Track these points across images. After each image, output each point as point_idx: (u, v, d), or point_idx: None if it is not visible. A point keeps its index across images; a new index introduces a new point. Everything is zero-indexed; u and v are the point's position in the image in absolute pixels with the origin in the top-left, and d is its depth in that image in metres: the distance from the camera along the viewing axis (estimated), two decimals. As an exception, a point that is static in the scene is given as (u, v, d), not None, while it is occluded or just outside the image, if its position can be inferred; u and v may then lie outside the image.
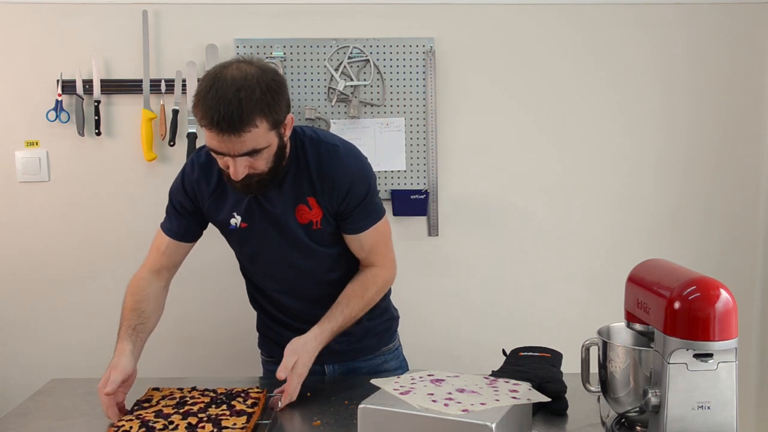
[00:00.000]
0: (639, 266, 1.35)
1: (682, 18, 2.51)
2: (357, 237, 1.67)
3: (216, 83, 1.41)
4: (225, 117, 1.38)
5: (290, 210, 1.63)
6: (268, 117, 1.43)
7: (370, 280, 1.70)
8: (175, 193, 1.73)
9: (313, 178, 1.60)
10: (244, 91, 1.39)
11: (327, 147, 1.62)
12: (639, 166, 2.57)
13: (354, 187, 1.61)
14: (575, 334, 1.62)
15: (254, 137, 1.43)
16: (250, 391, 1.52)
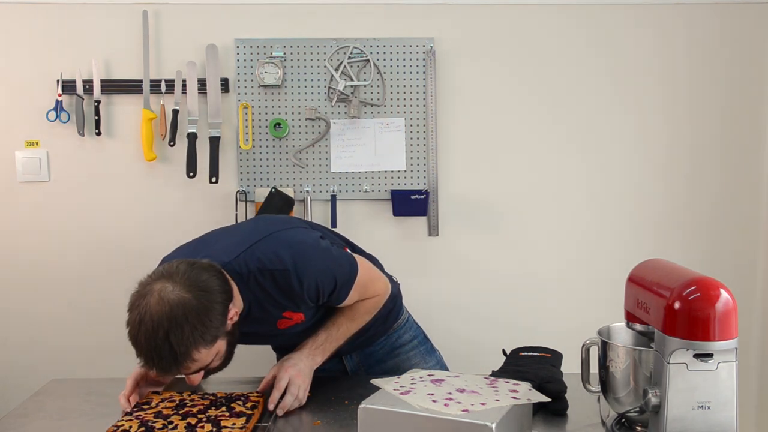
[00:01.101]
0: (639, 266, 1.35)
1: (684, 18, 2.51)
2: (343, 305, 1.67)
3: (143, 324, 1.38)
4: (163, 365, 1.38)
5: (272, 326, 1.63)
6: (205, 342, 1.39)
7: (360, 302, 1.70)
8: None
9: (279, 300, 1.57)
10: (172, 334, 1.35)
11: (278, 273, 1.54)
12: (639, 166, 2.57)
13: (321, 286, 1.57)
14: (575, 334, 1.62)
15: (199, 362, 1.40)
16: (249, 395, 1.52)
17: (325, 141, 2.48)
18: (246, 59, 2.44)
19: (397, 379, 1.45)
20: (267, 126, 2.46)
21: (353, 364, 1.83)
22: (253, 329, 1.60)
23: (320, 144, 2.48)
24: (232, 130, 2.48)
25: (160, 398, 1.52)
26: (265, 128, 2.46)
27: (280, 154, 2.48)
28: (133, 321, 1.41)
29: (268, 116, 2.47)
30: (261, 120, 2.47)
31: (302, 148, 2.48)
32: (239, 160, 2.48)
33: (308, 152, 2.49)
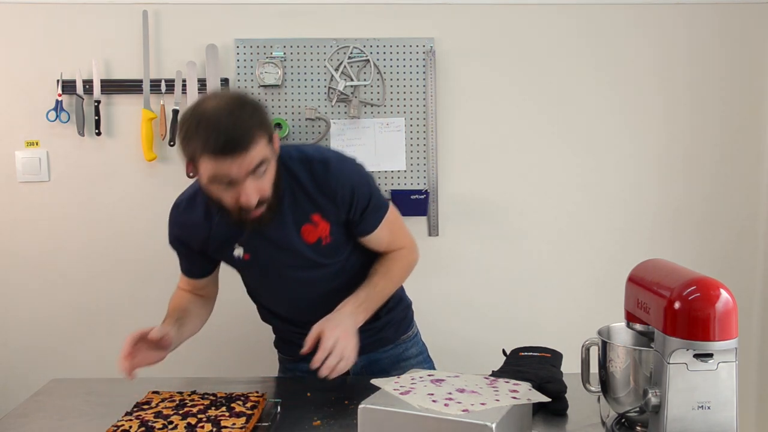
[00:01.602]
0: (639, 266, 1.35)
1: (683, 18, 2.51)
2: (373, 235, 1.66)
3: (201, 117, 1.38)
4: (229, 139, 1.35)
5: (294, 233, 1.58)
6: (264, 132, 1.41)
7: (391, 259, 1.70)
8: (174, 237, 1.73)
9: (313, 195, 1.56)
10: (236, 112, 1.38)
11: (317, 163, 1.56)
12: (640, 166, 2.57)
13: (356, 193, 1.58)
14: (575, 334, 1.62)
15: (258, 152, 1.39)
16: (249, 395, 1.52)
17: (325, 141, 2.48)
18: (246, 59, 2.44)
19: (397, 379, 1.45)
20: (267, 126, 2.46)
21: (356, 369, 1.83)
22: (279, 234, 1.57)
23: (320, 144, 2.48)
24: (232, 130, 2.48)
25: (160, 398, 1.52)
26: (265, 128, 2.46)
27: (280, 154, 2.48)
28: (189, 119, 1.40)
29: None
30: (261, 120, 2.47)
31: (302, 148, 2.48)
32: (239, 160, 2.48)
33: (308, 152, 2.49)
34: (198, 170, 1.43)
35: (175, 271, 2.52)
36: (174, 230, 1.71)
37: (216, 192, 1.44)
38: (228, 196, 1.43)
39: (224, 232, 1.60)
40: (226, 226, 1.57)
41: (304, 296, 1.69)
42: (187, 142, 1.41)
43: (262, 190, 1.44)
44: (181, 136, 1.43)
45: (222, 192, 1.43)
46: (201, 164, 1.40)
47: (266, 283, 1.71)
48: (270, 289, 1.72)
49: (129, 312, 2.53)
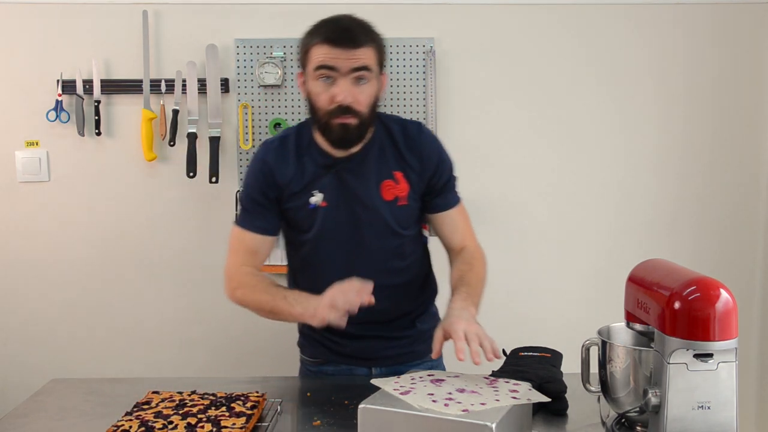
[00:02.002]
0: (639, 266, 1.35)
1: (681, 18, 2.51)
2: (449, 214, 1.68)
3: (327, 18, 1.55)
4: (346, 30, 1.50)
5: (374, 186, 1.62)
6: (376, 47, 1.54)
7: (472, 258, 1.68)
8: (255, 187, 1.65)
9: (402, 152, 1.63)
10: (360, 20, 1.55)
11: (412, 123, 1.68)
12: (640, 166, 2.57)
13: (442, 162, 1.67)
14: (575, 334, 1.62)
15: (366, 55, 1.51)
16: (249, 395, 1.52)
17: (325, 141, 2.48)
18: (246, 59, 2.44)
19: (397, 379, 1.45)
20: (267, 126, 2.46)
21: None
22: (360, 184, 1.61)
23: (320, 144, 2.48)
24: (232, 130, 2.48)
25: (160, 398, 1.52)
26: (265, 128, 2.46)
27: (280, 154, 2.48)
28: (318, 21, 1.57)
29: (268, 116, 2.47)
30: (261, 120, 2.47)
31: (302, 148, 2.47)
32: (239, 160, 2.48)
33: (308, 152, 2.49)
34: (308, 63, 1.54)
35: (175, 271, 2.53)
36: (256, 174, 1.65)
37: (315, 88, 1.53)
38: (326, 93, 1.52)
39: (309, 173, 1.62)
40: (312, 167, 1.62)
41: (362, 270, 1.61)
42: (307, 35, 1.55)
43: (358, 98, 1.52)
44: (304, 35, 1.57)
45: (321, 88, 1.52)
46: (313, 52, 1.52)
47: (328, 248, 1.66)
48: (328, 259, 1.67)
49: (129, 312, 2.53)
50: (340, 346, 1.74)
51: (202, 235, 2.51)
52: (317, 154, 1.62)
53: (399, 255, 1.69)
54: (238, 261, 1.68)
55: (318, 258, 1.68)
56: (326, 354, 1.77)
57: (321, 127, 1.57)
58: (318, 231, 1.64)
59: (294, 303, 1.55)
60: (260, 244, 1.67)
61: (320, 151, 1.63)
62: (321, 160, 1.62)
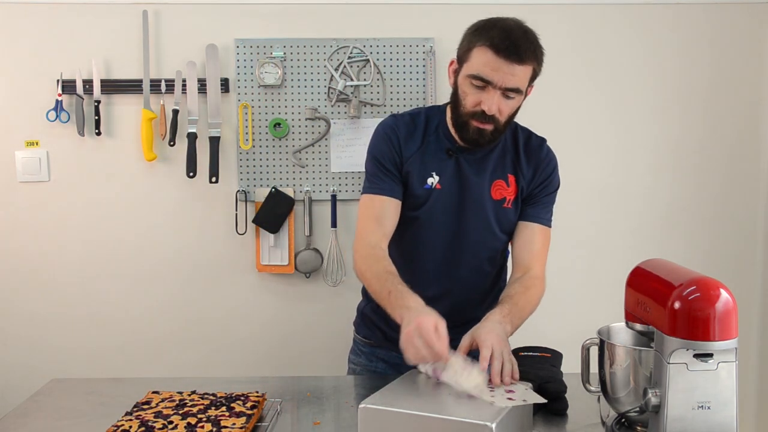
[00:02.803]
0: (639, 266, 1.34)
1: (677, 18, 2.51)
2: (531, 227, 1.70)
3: (500, 22, 1.55)
4: (515, 43, 1.50)
5: (487, 182, 1.67)
6: (536, 66, 1.55)
7: (528, 284, 1.64)
8: (383, 152, 1.68)
9: (520, 157, 1.70)
10: (529, 33, 1.55)
11: (537, 136, 1.75)
12: (641, 167, 2.57)
13: (554, 175, 1.74)
14: (575, 334, 1.62)
15: (523, 75, 1.53)
16: (249, 395, 1.52)
17: (325, 141, 2.48)
18: (246, 59, 2.44)
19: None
20: (267, 126, 2.46)
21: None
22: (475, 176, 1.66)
23: (320, 144, 2.48)
24: (232, 130, 2.48)
25: (160, 398, 1.52)
26: (265, 128, 2.46)
27: (280, 154, 2.48)
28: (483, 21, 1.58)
29: (268, 116, 2.47)
30: (261, 120, 2.47)
31: (302, 148, 2.48)
32: (239, 160, 2.48)
33: (308, 152, 2.49)
34: (466, 61, 1.55)
35: (175, 271, 2.53)
36: (386, 141, 1.68)
37: (465, 88, 1.56)
38: (474, 97, 1.55)
39: (430, 154, 1.67)
40: (435, 148, 1.67)
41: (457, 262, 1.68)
42: (474, 32, 1.55)
43: (502, 111, 1.56)
44: (470, 30, 1.57)
45: (471, 90, 1.55)
46: (475, 54, 1.53)
47: (432, 230, 1.68)
48: (429, 241, 1.69)
49: (129, 312, 2.53)
50: (395, 332, 1.72)
51: (202, 235, 2.51)
52: (444, 138, 1.68)
53: (490, 258, 1.73)
54: (367, 231, 1.66)
55: (420, 238, 1.70)
56: (380, 338, 1.80)
57: (459, 123, 1.61)
58: (426, 211, 1.68)
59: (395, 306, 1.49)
60: (387, 207, 1.66)
61: (447, 135, 1.68)
62: (445, 144, 1.68)
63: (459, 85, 1.59)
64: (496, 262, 1.76)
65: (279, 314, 2.56)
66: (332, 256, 2.49)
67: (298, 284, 2.54)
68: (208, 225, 2.51)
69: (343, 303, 2.49)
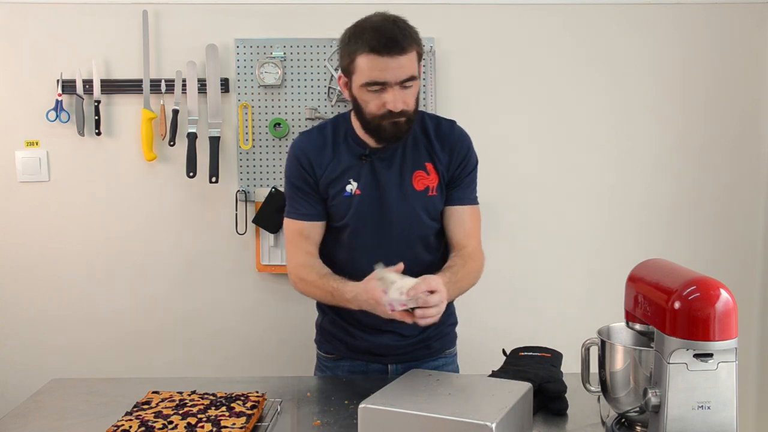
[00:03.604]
0: (639, 266, 1.35)
1: (679, 18, 2.51)
2: (461, 209, 1.72)
3: (366, 23, 1.58)
4: (391, 38, 1.53)
5: (408, 176, 1.69)
6: (417, 47, 1.59)
7: (469, 257, 1.69)
8: (295, 175, 1.72)
9: (433, 144, 1.71)
10: (398, 22, 1.57)
11: (446, 120, 1.77)
12: (641, 166, 2.57)
13: (470, 154, 1.74)
14: (575, 334, 1.62)
15: (411, 63, 1.56)
16: (249, 395, 1.52)
17: (325, 141, 2.48)
18: (246, 59, 2.44)
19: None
20: (267, 126, 2.46)
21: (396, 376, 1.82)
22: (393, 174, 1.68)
23: (320, 144, 2.48)
24: (232, 130, 2.48)
25: (160, 398, 1.52)
26: (265, 128, 2.46)
27: (280, 154, 2.48)
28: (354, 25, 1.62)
29: (268, 116, 2.47)
30: (261, 120, 2.47)
31: (302, 148, 2.47)
32: (239, 160, 2.48)
33: (308, 152, 2.48)
34: (354, 72, 1.58)
35: (174, 271, 2.53)
36: (295, 163, 1.72)
37: (363, 96, 1.59)
38: (376, 101, 1.58)
39: (344, 163, 1.70)
40: (348, 156, 1.70)
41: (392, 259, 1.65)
42: (349, 43, 1.59)
43: (406, 102, 1.59)
44: (344, 42, 1.61)
45: (370, 97, 1.58)
46: (359, 63, 1.56)
47: (361, 236, 1.71)
48: (361, 246, 1.71)
49: (129, 312, 2.53)
50: (357, 341, 1.77)
51: (202, 235, 2.51)
52: (354, 144, 1.70)
53: (426, 247, 1.74)
54: (295, 251, 1.73)
55: (351, 244, 1.73)
56: (342, 350, 1.81)
57: (371, 128, 1.63)
58: (351, 218, 1.70)
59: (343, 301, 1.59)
60: (310, 230, 1.72)
61: (357, 141, 1.70)
62: (357, 150, 1.70)
63: (356, 96, 1.62)
64: (432, 248, 1.76)
65: (279, 314, 2.55)
66: (332, 256, 2.49)
67: (298, 284, 2.54)
68: (208, 225, 2.51)
69: (343, 303, 2.49)
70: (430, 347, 1.82)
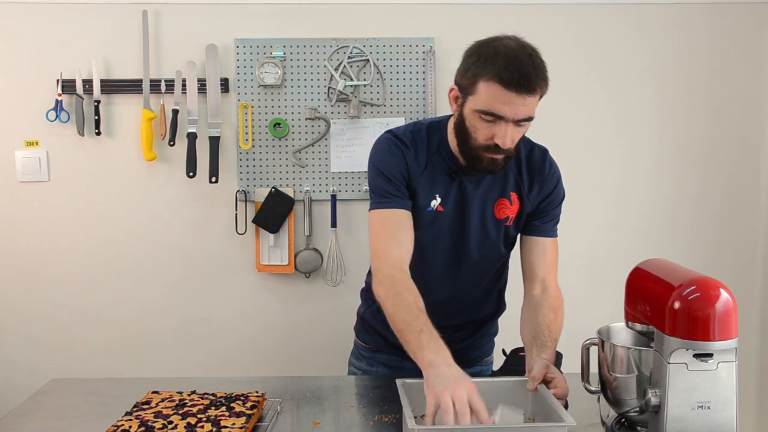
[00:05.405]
0: (639, 266, 1.35)
1: (679, 18, 2.51)
2: (544, 242, 1.69)
3: (502, 48, 1.44)
4: (524, 76, 1.41)
5: (491, 203, 1.64)
6: (545, 89, 1.46)
7: (554, 302, 1.66)
8: (391, 165, 1.60)
9: (523, 174, 1.66)
10: (534, 57, 1.44)
11: (539, 147, 1.69)
12: (640, 166, 2.57)
13: (559, 186, 1.71)
14: (575, 334, 1.62)
15: (533, 103, 1.46)
16: (249, 395, 1.52)
17: (324, 141, 2.48)
18: (246, 59, 2.44)
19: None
20: (267, 126, 2.46)
21: None
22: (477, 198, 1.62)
23: (320, 144, 2.48)
24: (232, 130, 2.48)
25: (160, 398, 1.52)
26: (265, 128, 2.46)
27: (280, 154, 2.48)
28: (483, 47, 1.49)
29: (268, 116, 2.47)
30: (261, 120, 2.47)
31: (302, 148, 2.48)
32: (239, 160, 2.48)
33: (308, 152, 2.49)
34: (472, 94, 1.47)
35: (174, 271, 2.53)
36: (400, 153, 1.61)
37: (474, 123, 1.49)
38: (486, 131, 1.48)
39: (435, 176, 1.61)
40: (439, 170, 1.61)
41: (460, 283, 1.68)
42: (478, 63, 1.46)
43: (513, 140, 1.49)
44: (472, 59, 1.49)
45: (482, 125, 1.48)
46: (481, 88, 1.45)
47: (434, 251, 1.65)
48: (432, 261, 1.66)
49: (128, 312, 2.53)
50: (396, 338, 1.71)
51: (202, 235, 2.51)
52: (446, 158, 1.61)
53: (493, 275, 1.72)
54: (384, 250, 1.58)
55: (422, 259, 1.64)
56: (381, 343, 1.79)
57: (471, 155, 1.54)
58: (430, 234, 1.64)
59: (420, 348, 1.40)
60: (402, 222, 1.59)
61: (450, 156, 1.62)
62: (448, 165, 1.61)
63: (466, 117, 1.51)
64: (498, 271, 1.75)
65: (279, 314, 2.56)
66: (332, 256, 2.49)
67: (298, 284, 2.54)
68: (208, 225, 2.51)
69: (343, 303, 2.49)
70: (469, 356, 1.77)
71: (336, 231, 2.49)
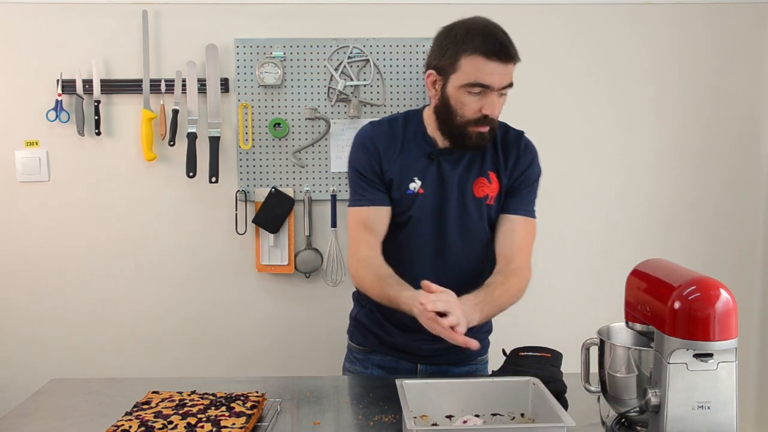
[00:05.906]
0: (639, 266, 1.35)
1: (678, 18, 2.51)
2: (513, 219, 1.71)
3: (477, 23, 1.60)
4: (502, 45, 1.56)
5: (469, 182, 1.69)
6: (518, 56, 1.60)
7: (511, 274, 1.65)
8: (362, 163, 1.72)
9: (498, 153, 1.71)
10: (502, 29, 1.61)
11: (514, 129, 1.77)
12: (640, 166, 2.57)
13: (533, 164, 1.74)
14: (575, 334, 1.62)
15: (512, 70, 1.59)
16: (249, 395, 1.52)
17: (324, 141, 2.48)
18: (246, 59, 2.44)
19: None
20: (267, 126, 2.46)
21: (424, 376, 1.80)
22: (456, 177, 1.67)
23: (320, 144, 2.48)
24: (232, 130, 2.48)
25: (160, 398, 1.52)
26: (265, 128, 2.46)
27: (280, 154, 2.48)
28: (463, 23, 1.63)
29: (268, 116, 2.47)
30: (261, 120, 2.47)
31: (302, 148, 2.48)
32: (239, 160, 2.48)
33: (308, 152, 2.49)
34: (454, 72, 1.58)
35: (174, 271, 2.53)
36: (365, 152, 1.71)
37: (461, 98, 1.59)
38: (474, 104, 1.58)
39: (412, 159, 1.69)
40: (416, 154, 1.69)
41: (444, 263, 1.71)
42: (456, 42, 1.58)
43: (500, 110, 1.62)
44: (447, 40, 1.61)
45: (469, 99, 1.58)
46: (464, 64, 1.56)
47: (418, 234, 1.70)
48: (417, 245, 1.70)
49: (129, 312, 2.53)
50: (390, 337, 1.77)
51: (201, 235, 2.51)
52: (423, 143, 1.70)
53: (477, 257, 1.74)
54: (357, 245, 1.71)
55: (407, 242, 1.72)
56: (374, 344, 1.81)
57: (456, 132, 1.63)
58: (411, 216, 1.70)
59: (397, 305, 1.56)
60: (374, 217, 1.70)
61: (427, 139, 1.70)
62: (425, 149, 1.70)
63: (450, 96, 1.60)
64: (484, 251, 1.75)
65: (279, 314, 2.56)
66: (332, 256, 2.49)
67: (298, 284, 2.54)
68: (208, 225, 2.51)
69: (343, 303, 2.48)
70: (463, 352, 1.76)
71: (336, 231, 2.49)
